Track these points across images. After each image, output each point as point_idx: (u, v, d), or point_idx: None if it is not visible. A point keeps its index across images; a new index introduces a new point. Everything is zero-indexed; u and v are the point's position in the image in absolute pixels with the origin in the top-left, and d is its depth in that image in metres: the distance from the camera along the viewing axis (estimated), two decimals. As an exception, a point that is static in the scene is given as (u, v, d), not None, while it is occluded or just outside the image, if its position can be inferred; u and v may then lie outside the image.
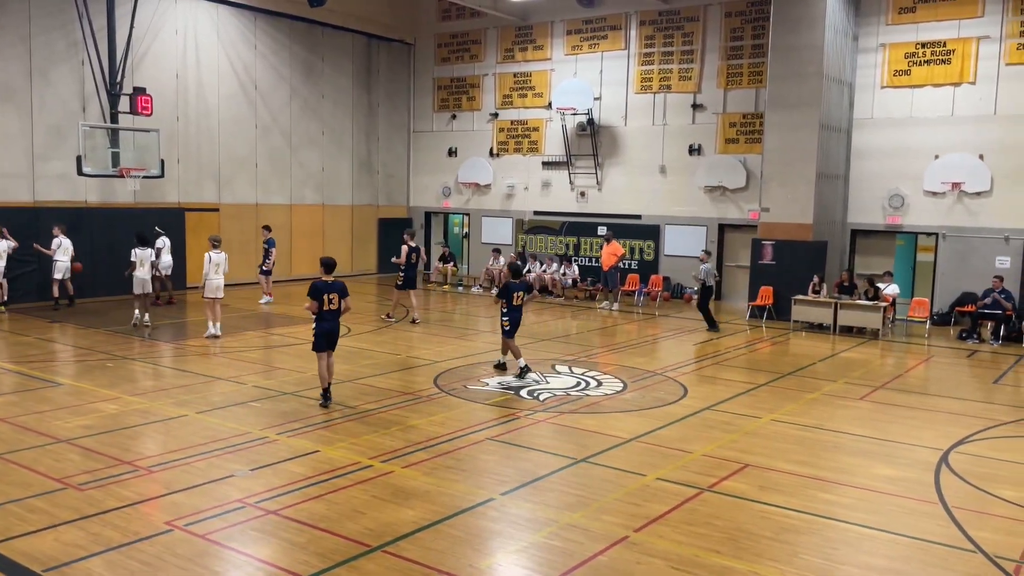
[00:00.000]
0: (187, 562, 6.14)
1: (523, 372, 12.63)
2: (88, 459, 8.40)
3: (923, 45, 19.40)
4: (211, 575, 6.00)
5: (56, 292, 18.25)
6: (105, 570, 5.97)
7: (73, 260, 18.34)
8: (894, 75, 19.77)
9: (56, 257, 18.10)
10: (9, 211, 18.49)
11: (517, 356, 12.79)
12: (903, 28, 19.63)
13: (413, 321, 17.66)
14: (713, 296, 18.58)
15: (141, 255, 15.97)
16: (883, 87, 19.95)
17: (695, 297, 18.97)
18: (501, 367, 13.14)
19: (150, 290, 16.56)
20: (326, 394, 10.75)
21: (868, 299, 17.69)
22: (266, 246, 20.23)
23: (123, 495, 7.42)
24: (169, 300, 19.44)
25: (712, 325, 17.72)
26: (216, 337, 15.21)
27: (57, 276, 18.16)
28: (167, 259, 19.25)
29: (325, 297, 10.56)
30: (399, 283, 17.87)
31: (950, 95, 19.14)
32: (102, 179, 19.64)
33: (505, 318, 12.81)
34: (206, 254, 15.51)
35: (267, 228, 20.64)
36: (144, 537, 6.53)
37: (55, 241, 18.05)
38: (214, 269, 15.31)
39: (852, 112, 20.30)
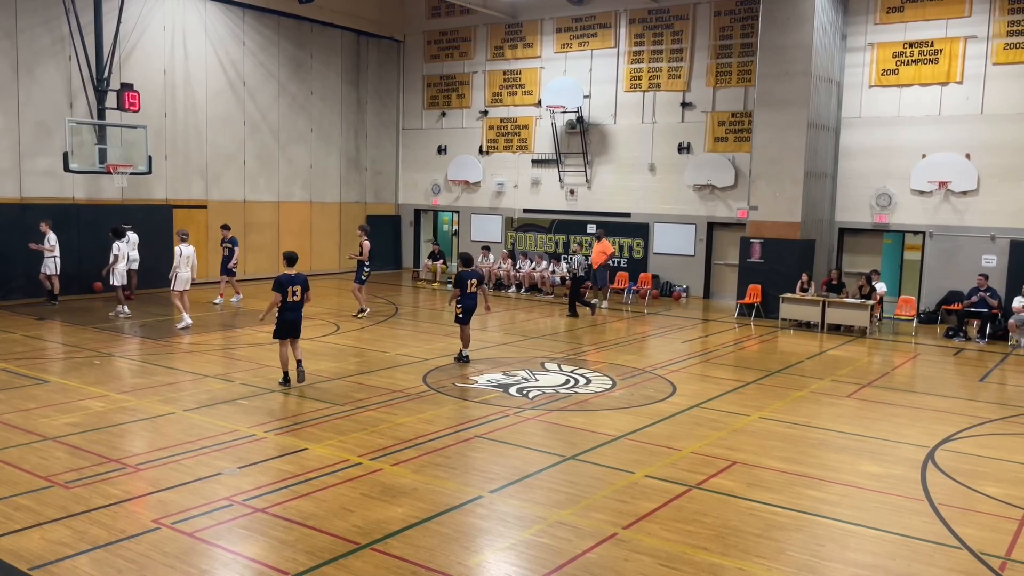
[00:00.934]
0: (174, 560, 6.12)
1: (461, 359, 13.44)
2: (75, 457, 8.36)
3: (911, 45, 19.50)
4: (199, 573, 5.98)
5: (50, 287, 18.30)
6: (92, 568, 5.94)
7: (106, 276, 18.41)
8: (882, 74, 19.87)
9: (46, 253, 18.09)
10: (-5, 207, 18.39)
11: (466, 344, 13.52)
12: (891, 28, 19.73)
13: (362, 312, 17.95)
14: (588, 284, 20.04)
15: (125, 249, 16.71)
16: (871, 86, 20.04)
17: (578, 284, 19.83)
18: (464, 359, 13.50)
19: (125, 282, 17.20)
20: (286, 376, 11.56)
21: (862, 296, 17.77)
22: (230, 245, 19.88)
23: (110, 493, 7.38)
24: (129, 296, 19.19)
25: (572, 310, 19.12)
26: (188, 327, 15.53)
27: (49, 272, 18.20)
28: (134, 254, 18.97)
29: (289, 289, 11.40)
30: (363, 278, 18.08)
31: (937, 94, 19.25)
32: (89, 175, 19.51)
33: (459, 306, 13.38)
34: (176, 247, 16.05)
35: (226, 227, 20.17)
36: (131, 535, 6.50)
37: (49, 237, 18.12)
38: (184, 262, 15.85)
39: (840, 111, 20.39)
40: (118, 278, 16.84)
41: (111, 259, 16.87)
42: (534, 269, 23.39)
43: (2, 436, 8.99)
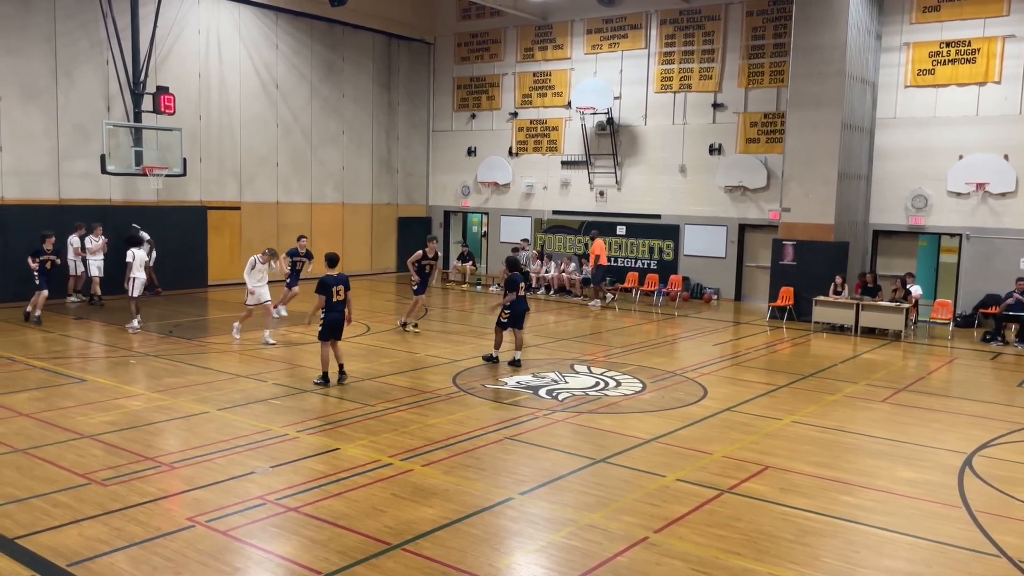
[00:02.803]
0: (208, 558, 6.19)
1: (491, 359, 13.37)
2: (111, 455, 8.50)
3: (947, 44, 19.20)
4: (232, 571, 6.05)
5: (95, 289, 18.71)
6: (128, 565, 6.04)
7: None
8: (918, 74, 19.58)
9: (94, 256, 18.69)
10: (35, 208, 18.74)
11: (497, 346, 13.43)
12: (927, 27, 19.44)
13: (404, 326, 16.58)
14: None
15: (139, 255, 15.78)
16: (907, 86, 19.76)
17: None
18: (515, 364, 13.21)
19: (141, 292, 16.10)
20: (326, 376, 11.66)
21: (897, 299, 17.52)
22: (304, 259, 18.31)
23: (146, 491, 7.49)
24: (157, 291, 20.12)
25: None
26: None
27: (94, 274, 18.68)
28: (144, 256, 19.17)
29: (333, 290, 11.49)
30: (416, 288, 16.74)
31: (975, 95, 18.93)
32: (125, 177, 19.84)
33: (507, 311, 13.10)
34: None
35: (303, 237, 18.88)
36: (166, 533, 6.59)
37: (99, 240, 18.68)
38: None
39: (875, 111, 20.13)
40: (137, 288, 15.75)
41: (128, 268, 16.01)
42: (562, 271, 23.35)
43: (41, 434, 9.17)
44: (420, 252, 16.54)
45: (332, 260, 11.92)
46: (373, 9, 25.39)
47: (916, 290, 17.99)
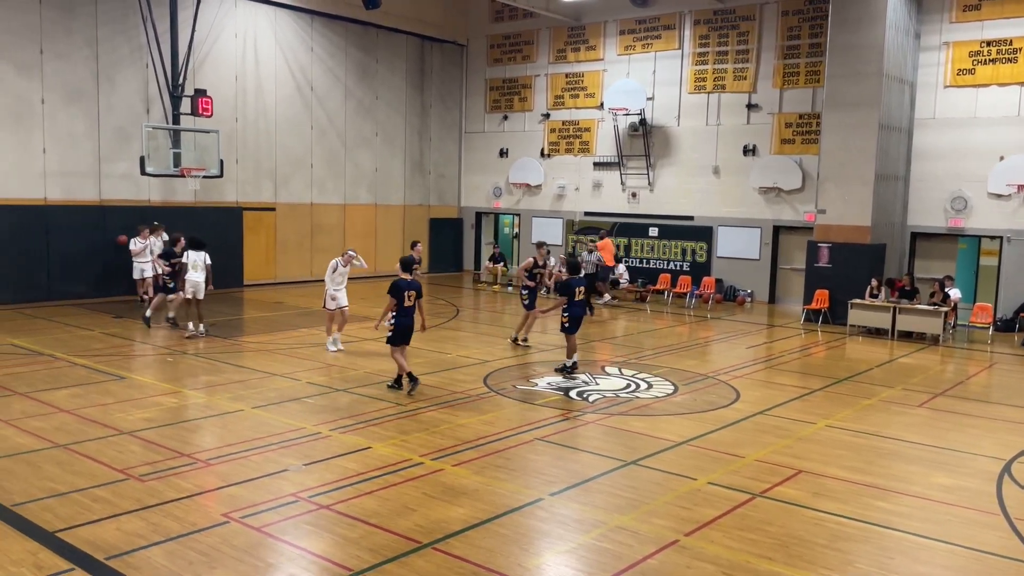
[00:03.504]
0: (243, 553, 6.28)
1: (569, 369, 12.76)
2: (149, 451, 8.65)
3: (988, 43, 18.86)
4: (265, 567, 6.13)
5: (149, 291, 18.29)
6: (164, 559, 6.15)
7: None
8: (957, 74, 19.26)
9: (142, 258, 18.41)
10: (77, 209, 19.13)
11: (571, 353, 12.88)
12: (967, 26, 19.10)
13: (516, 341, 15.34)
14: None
15: (195, 258, 15.14)
16: (946, 86, 19.44)
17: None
18: (568, 370, 12.83)
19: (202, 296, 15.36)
20: (400, 379, 11.48)
21: (935, 303, 17.24)
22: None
23: (182, 487, 7.62)
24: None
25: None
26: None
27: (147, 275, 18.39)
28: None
29: (405, 294, 11.19)
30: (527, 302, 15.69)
31: (1016, 95, 18.56)
32: (164, 179, 20.19)
33: (566, 315, 12.71)
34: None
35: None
36: (201, 528, 6.70)
37: (145, 242, 18.46)
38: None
39: (913, 112, 19.83)
40: (190, 289, 15.10)
41: (180, 268, 15.45)
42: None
43: (81, 429, 9.36)
44: (531, 259, 15.69)
45: (407, 264, 11.53)
46: (406, 11, 25.55)
47: (955, 293, 17.67)
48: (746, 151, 22.41)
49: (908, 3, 19.04)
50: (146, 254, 18.46)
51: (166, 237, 18.37)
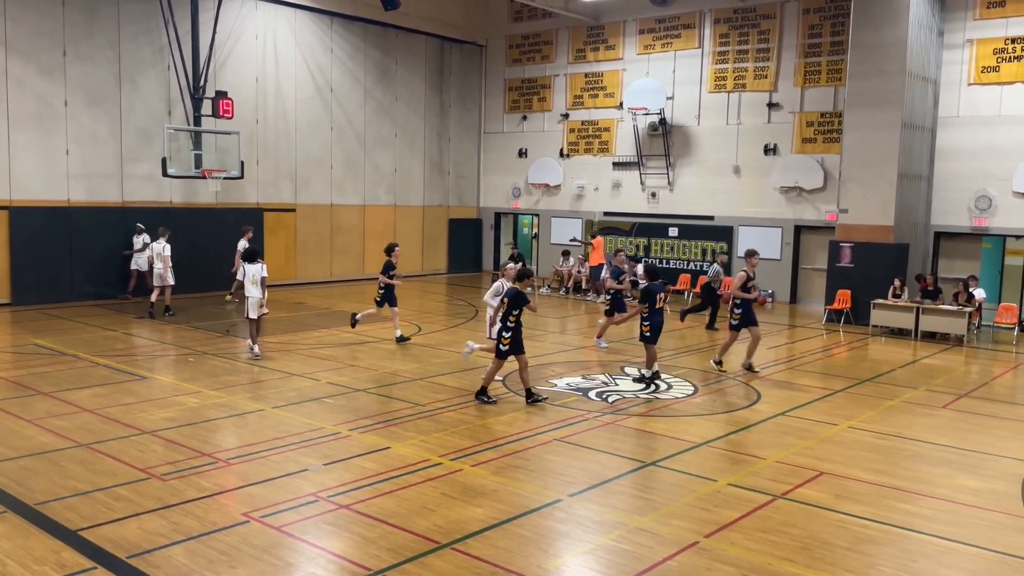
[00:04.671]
0: (263, 553, 6.30)
1: (650, 379, 12.29)
2: (170, 450, 8.71)
3: (1013, 40, 18.60)
4: (285, 566, 6.15)
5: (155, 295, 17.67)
6: (185, 558, 6.18)
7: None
8: (982, 72, 19.01)
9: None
10: (100, 210, 19.32)
11: (651, 364, 12.45)
12: (992, 23, 18.86)
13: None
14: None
15: (252, 272, 13.50)
16: (970, 84, 19.20)
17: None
18: (647, 380, 12.37)
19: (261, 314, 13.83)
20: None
21: (959, 303, 17.03)
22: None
23: (203, 486, 7.66)
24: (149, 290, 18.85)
25: (711, 322, 18.09)
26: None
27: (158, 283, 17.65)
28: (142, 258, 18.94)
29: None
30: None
31: (1043, 92, 18.32)
32: (185, 180, 20.33)
33: (646, 323, 12.23)
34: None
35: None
36: (222, 527, 6.74)
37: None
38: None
39: (936, 110, 19.60)
40: (252, 308, 13.52)
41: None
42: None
43: (104, 429, 9.44)
44: (744, 274, 13.23)
45: (523, 275, 11.06)
46: (426, 12, 25.60)
47: (979, 293, 17.46)
48: (767, 150, 22.26)
49: (931, 0, 18.83)
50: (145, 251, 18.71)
51: (147, 238, 18.74)
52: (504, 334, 10.70)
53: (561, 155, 26.45)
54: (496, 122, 28.27)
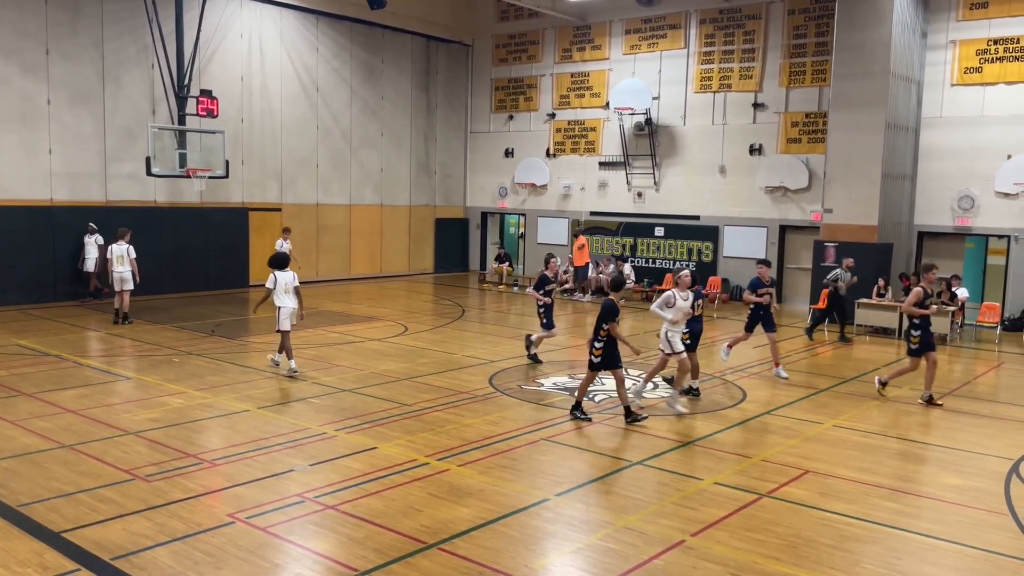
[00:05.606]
0: (248, 554, 6.28)
1: (696, 392, 11.72)
2: (155, 451, 8.65)
3: (995, 41, 18.77)
4: (271, 567, 6.12)
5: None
6: (171, 560, 6.14)
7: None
8: (965, 72, 19.17)
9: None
10: (84, 209, 19.16)
11: (695, 375, 11.76)
12: (974, 24, 19.02)
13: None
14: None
15: (283, 279, 12.56)
16: (953, 85, 19.37)
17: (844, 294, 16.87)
18: (694, 392, 11.70)
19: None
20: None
21: (942, 302, 17.15)
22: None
23: (188, 487, 7.62)
24: (101, 291, 19.00)
25: (842, 335, 16.93)
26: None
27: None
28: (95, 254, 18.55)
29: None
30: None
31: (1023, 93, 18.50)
32: (170, 179, 20.21)
33: (685, 331, 11.39)
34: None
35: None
36: (208, 528, 6.70)
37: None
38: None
39: (920, 111, 19.75)
40: (282, 320, 12.53)
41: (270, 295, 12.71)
42: (600, 272, 23.23)
43: (87, 430, 9.37)
44: (920, 290, 11.92)
45: (619, 284, 10.71)
46: (412, 11, 25.55)
47: (962, 293, 17.60)
48: (752, 150, 22.36)
49: (915, 2, 18.97)
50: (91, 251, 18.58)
51: (100, 239, 18.41)
52: (596, 345, 10.08)
53: (547, 155, 26.47)
54: (483, 122, 28.26)
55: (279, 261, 12.87)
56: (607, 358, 10.12)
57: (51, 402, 10.52)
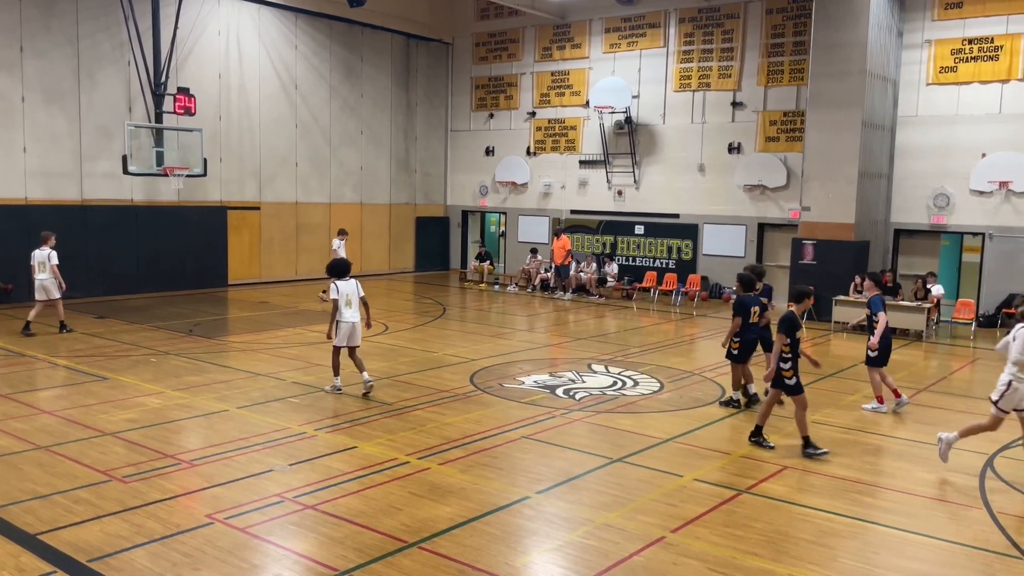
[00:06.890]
0: (227, 555, 6.24)
1: (735, 403, 11.08)
2: (132, 452, 8.58)
3: (970, 41, 18.99)
4: (250, 568, 6.09)
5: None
6: (148, 561, 6.09)
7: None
8: (940, 72, 19.38)
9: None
10: (59, 209, 18.94)
11: (749, 381, 11.08)
12: (950, 24, 19.23)
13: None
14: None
15: (346, 290, 11.04)
16: (928, 84, 19.57)
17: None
18: (734, 404, 11.06)
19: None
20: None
21: (917, 299, 17.35)
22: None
23: (166, 488, 7.56)
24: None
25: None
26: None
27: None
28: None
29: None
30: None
31: (998, 92, 18.70)
32: (147, 178, 20.02)
33: (736, 339, 10.68)
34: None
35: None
36: (186, 529, 6.65)
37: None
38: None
39: (896, 110, 19.95)
40: (344, 337, 11.15)
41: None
42: (581, 271, 23.29)
43: (63, 431, 9.27)
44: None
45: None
46: (391, 9, 25.46)
47: (937, 290, 17.80)
48: (731, 149, 22.48)
49: (891, 1, 19.15)
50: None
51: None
52: (783, 365, 9.14)
53: (528, 153, 26.48)
54: (463, 120, 28.22)
55: (340, 268, 11.09)
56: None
57: (26, 403, 10.39)
